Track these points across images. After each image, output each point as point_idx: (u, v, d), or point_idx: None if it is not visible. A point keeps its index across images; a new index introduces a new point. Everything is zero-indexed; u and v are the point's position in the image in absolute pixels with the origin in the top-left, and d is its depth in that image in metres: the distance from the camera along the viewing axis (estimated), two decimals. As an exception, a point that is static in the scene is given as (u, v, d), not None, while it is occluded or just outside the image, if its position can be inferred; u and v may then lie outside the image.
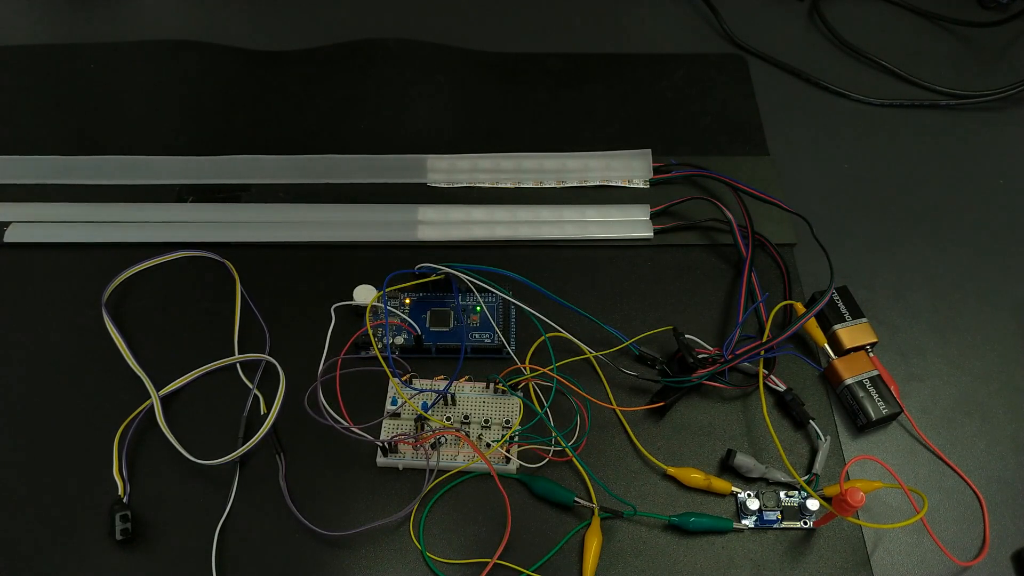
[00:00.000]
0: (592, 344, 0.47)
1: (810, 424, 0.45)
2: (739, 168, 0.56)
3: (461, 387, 0.46)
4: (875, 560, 0.42)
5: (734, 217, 0.52)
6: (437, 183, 0.57)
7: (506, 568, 0.41)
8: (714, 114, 0.62)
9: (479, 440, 0.44)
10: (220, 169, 0.57)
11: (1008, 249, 0.55)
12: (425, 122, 0.61)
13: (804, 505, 0.43)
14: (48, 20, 0.68)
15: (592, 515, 0.42)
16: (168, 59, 0.65)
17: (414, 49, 0.65)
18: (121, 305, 0.50)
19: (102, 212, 0.54)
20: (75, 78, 0.63)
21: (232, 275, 0.51)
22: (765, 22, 0.69)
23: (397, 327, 0.48)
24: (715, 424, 0.46)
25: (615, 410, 0.46)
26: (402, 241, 0.53)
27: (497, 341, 0.48)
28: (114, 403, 0.45)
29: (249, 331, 0.49)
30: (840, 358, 0.47)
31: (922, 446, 0.46)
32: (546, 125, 0.61)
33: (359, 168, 0.57)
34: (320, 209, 0.55)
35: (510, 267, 0.47)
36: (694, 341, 0.48)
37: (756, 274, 0.50)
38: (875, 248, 0.55)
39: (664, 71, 0.64)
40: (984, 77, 0.65)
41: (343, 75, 0.63)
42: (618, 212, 0.55)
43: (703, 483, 0.43)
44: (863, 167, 0.59)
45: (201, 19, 0.68)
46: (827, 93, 0.64)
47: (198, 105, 0.62)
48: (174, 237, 0.53)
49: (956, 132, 0.61)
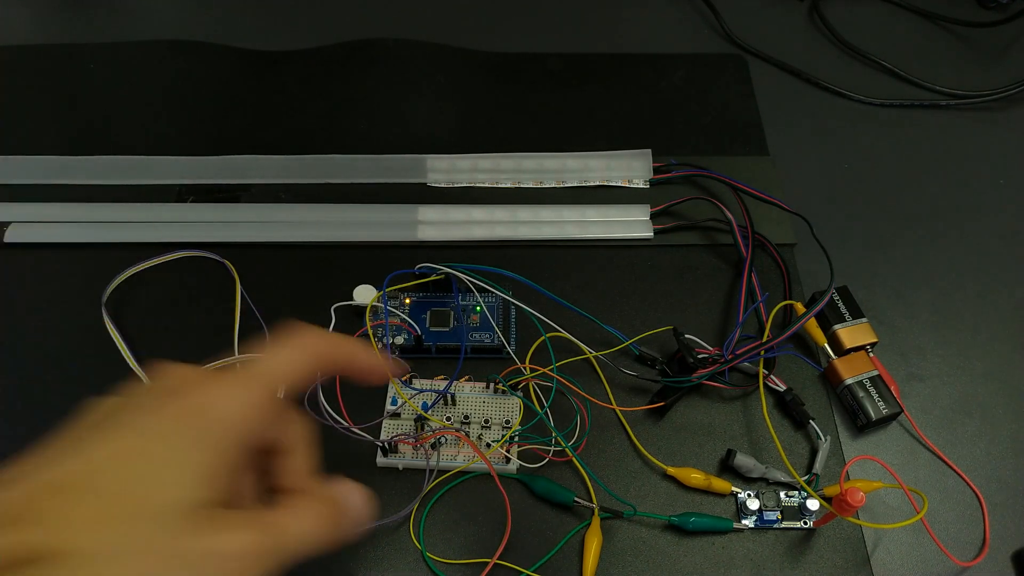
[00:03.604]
0: (592, 344, 0.47)
1: (810, 424, 0.45)
2: (739, 168, 0.56)
3: (461, 387, 0.46)
4: (875, 560, 0.42)
5: (734, 217, 0.52)
6: (437, 183, 0.57)
7: (506, 568, 0.41)
8: (714, 114, 0.62)
9: (479, 440, 0.44)
10: (220, 169, 0.57)
11: (1008, 249, 0.55)
12: (425, 122, 0.61)
13: (804, 505, 0.43)
14: (48, 20, 0.68)
15: (592, 515, 0.42)
16: (168, 59, 0.65)
17: (414, 49, 0.65)
18: (121, 305, 0.50)
19: (102, 212, 0.54)
20: (75, 78, 0.63)
21: (232, 275, 0.51)
22: (765, 22, 0.69)
23: (397, 327, 0.48)
24: (715, 424, 0.46)
25: (615, 410, 0.46)
26: (402, 241, 0.53)
27: (497, 341, 0.48)
28: (114, 403, 0.45)
29: (249, 331, 0.49)
30: (840, 358, 0.47)
31: (922, 446, 0.46)
32: (546, 125, 0.61)
33: (359, 168, 0.57)
34: (320, 209, 0.55)
35: (510, 267, 0.47)
36: (694, 341, 0.48)
37: (756, 274, 0.50)
38: (875, 248, 0.55)
39: (664, 71, 0.65)
40: (984, 77, 0.65)
41: (343, 75, 0.63)
42: (618, 212, 0.55)
43: (703, 483, 0.43)
44: (863, 167, 0.59)
45: (201, 19, 0.68)
46: (827, 93, 0.64)
47: (198, 105, 0.62)
48: (174, 237, 0.53)
49: (956, 132, 0.61)
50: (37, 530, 0.23)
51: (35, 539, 0.23)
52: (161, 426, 0.26)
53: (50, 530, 0.23)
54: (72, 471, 0.25)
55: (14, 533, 0.23)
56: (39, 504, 0.24)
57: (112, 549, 0.24)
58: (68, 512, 0.24)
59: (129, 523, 0.24)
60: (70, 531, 0.23)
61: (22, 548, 0.23)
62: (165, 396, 0.27)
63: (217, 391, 0.27)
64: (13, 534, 0.23)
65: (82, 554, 0.23)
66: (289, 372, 0.29)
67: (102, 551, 0.23)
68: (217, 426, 0.27)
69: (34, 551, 0.23)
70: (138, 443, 0.26)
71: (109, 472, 0.25)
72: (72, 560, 0.23)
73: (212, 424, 0.27)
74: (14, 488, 0.24)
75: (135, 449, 0.26)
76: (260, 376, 0.28)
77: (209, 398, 0.27)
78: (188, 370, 0.28)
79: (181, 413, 0.27)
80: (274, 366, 0.29)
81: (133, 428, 0.26)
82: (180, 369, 0.28)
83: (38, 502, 0.24)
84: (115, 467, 0.25)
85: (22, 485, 0.24)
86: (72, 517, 0.24)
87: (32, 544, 0.23)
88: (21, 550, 0.23)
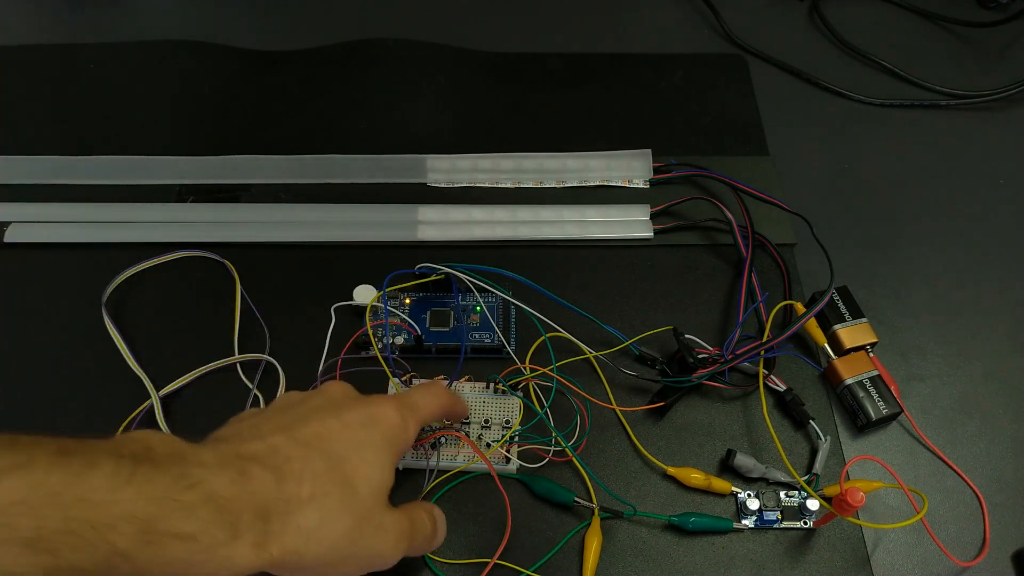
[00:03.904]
0: (592, 344, 0.47)
1: (810, 424, 0.45)
2: (739, 168, 0.56)
3: (461, 387, 0.46)
4: (875, 560, 0.42)
5: (734, 217, 0.52)
6: (437, 183, 0.57)
7: (506, 568, 0.41)
8: (714, 114, 0.62)
9: (479, 440, 0.44)
10: (220, 169, 0.57)
11: (1008, 249, 0.55)
12: (425, 122, 0.61)
13: (804, 505, 0.43)
14: (48, 20, 0.68)
15: (592, 515, 0.42)
16: (168, 59, 0.65)
17: (414, 49, 0.65)
18: (121, 305, 0.50)
19: (102, 212, 0.54)
20: (75, 78, 0.63)
21: (232, 275, 0.51)
22: (765, 22, 0.69)
23: (397, 327, 0.48)
24: (715, 424, 0.46)
25: (615, 410, 0.46)
26: (402, 241, 0.53)
27: (497, 341, 0.48)
28: (114, 403, 0.45)
29: (249, 331, 0.49)
30: (840, 358, 0.47)
31: (922, 446, 0.46)
32: (546, 125, 0.61)
33: (359, 168, 0.57)
34: (320, 209, 0.55)
35: (510, 267, 0.47)
36: (694, 341, 0.48)
37: (756, 274, 0.50)
38: (875, 248, 0.55)
39: (664, 71, 0.64)
40: (984, 77, 0.65)
41: (343, 75, 0.63)
42: (618, 212, 0.55)
43: (703, 483, 0.43)
44: (863, 167, 0.59)
45: (201, 19, 0.68)
46: (827, 93, 0.64)
47: (198, 105, 0.62)
48: (174, 237, 0.52)
49: (956, 132, 0.61)
50: (291, 476, 0.30)
51: (290, 482, 0.29)
52: (356, 420, 0.33)
53: (296, 475, 0.30)
54: (311, 435, 0.32)
55: (274, 475, 0.29)
56: (289, 452, 0.30)
57: (336, 501, 0.30)
58: (308, 465, 0.30)
59: (347, 483, 0.31)
60: (310, 479, 0.30)
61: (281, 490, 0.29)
62: (347, 400, 0.35)
63: (387, 406, 0.35)
64: (273, 476, 0.29)
65: (315, 499, 0.30)
66: (427, 414, 0.38)
67: (326, 501, 0.30)
68: (391, 432, 0.34)
69: (286, 492, 0.29)
70: (343, 429, 0.33)
71: (332, 442, 0.32)
72: (310, 504, 0.30)
73: (387, 429, 0.34)
74: (269, 438, 0.31)
75: (341, 432, 0.32)
76: (413, 406, 0.36)
77: (383, 410, 0.35)
78: (351, 387, 0.37)
79: (367, 415, 0.34)
80: (421, 404, 0.37)
81: (337, 416, 0.33)
82: (344, 385, 0.37)
83: (288, 451, 0.30)
84: (334, 440, 0.32)
85: (275, 438, 0.31)
86: (311, 470, 0.30)
87: (286, 486, 0.29)
88: (282, 492, 0.29)
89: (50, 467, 0.24)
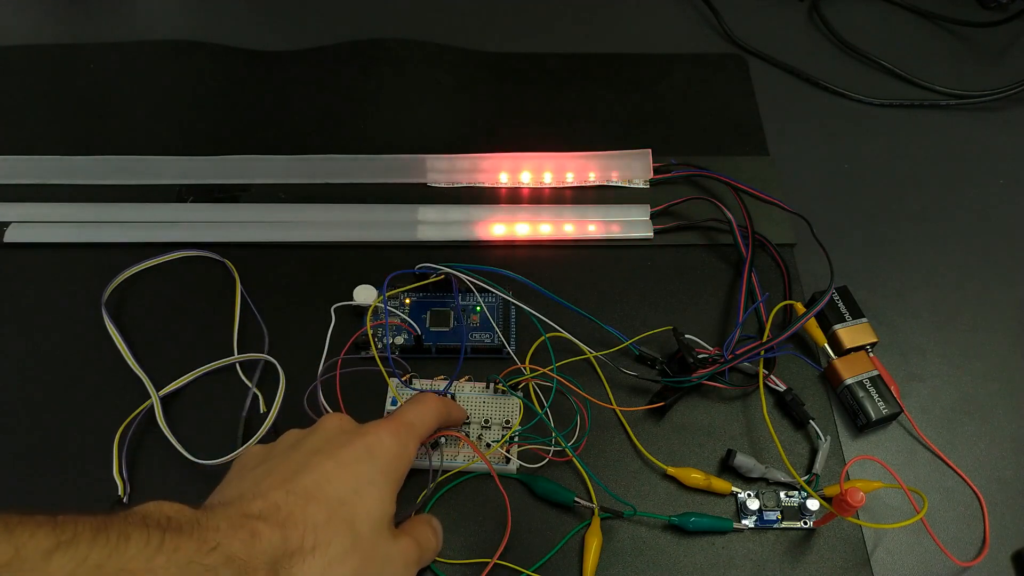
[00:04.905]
0: (592, 344, 0.47)
1: (810, 424, 0.45)
2: (739, 168, 0.56)
3: (461, 387, 0.46)
4: (875, 560, 0.42)
5: (734, 217, 0.52)
6: (437, 183, 0.57)
7: (506, 568, 0.41)
8: (714, 114, 0.62)
9: (479, 440, 0.44)
10: (220, 169, 0.57)
11: (1008, 249, 0.55)
12: (425, 122, 0.61)
13: (804, 505, 0.43)
14: (48, 20, 0.68)
15: (592, 515, 0.42)
16: (168, 59, 0.65)
17: (414, 49, 0.65)
18: (121, 305, 0.50)
19: (102, 212, 0.54)
20: (75, 78, 0.63)
21: (232, 275, 0.51)
22: (765, 22, 0.69)
23: (397, 327, 0.48)
24: (715, 424, 0.46)
25: (615, 410, 0.46)
26: (402, 241, 0.53)
27: (497, 341, 0.48)
28: (114, 403, 0.45)
29: (249, 331, 0.49)
30: (840, 358, 0.47)
31: (922, 446, 0.46)
32: (546, 125, 0.61)
33: (359, 168, 0.57)
34: (320, 209, 0.55)
35: (510, 267, 0.47)
36: (694, 341, 0.48)
37: (756, 274, 0.50)
38: (875, 248, 0.55)
39: (664, 71, 0.65)
40: (984, 77, 0.65)
41: (343, 75, 0.63)
42: (618, 212, 0.55)
43: (703, 483, 0.43)
44: (863, 167, 0.59)
45: (201, 19, 0.68)
46: (827, 93, 0.64)
47: (198, 105, 0.62)
48: (174, 237, 0.52)
49: (956, 132, 0.61)
50: (295, 530, 0.31)
51: (294, 536, 0.31)
52: (352, 457, 0.35)
53: (299, 528, 0.31)
54: (310, 484, 0.33)
55: (280, 532, 0.31)
56: (290, 508, 0.32)
57: (339, 546, 0.32)
58: (309, 517, 0.32)
59: (348, 527, 0.33)
60: (311, 530, 0.31)
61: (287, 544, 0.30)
62: (343, 436, 0.36)
63: (383, 434, 0.36)
64: (279, 533, 0.30)
65: (317, 548, 0.31)
66: (424, 430, 0.39)
67: (332, 547, 0.32)
68: (389, 463, 0.36)
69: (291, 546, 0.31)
70: (340, 471, 0.34)
71: (330, 487, 0.33)
72: (313, 553, 0.31)
73: (385, 461, 0.35)
74: (270, 495, 0.32)
75: (339, 475, 0.34)
76: (409, 426, 0.37)
77: (378, 440, 0.36)
78: (347, 419, 0.38)
79: (362, 449, 0.35)
80: (416, 420, 0.38)
81: (331, 457, 0.34)
82: (341, 418, 0.38)
83: (289, 507, 0.32)
84: (332, 485, 0.33)
85: (275, 494, 0.32)
86: (311, 522, 0.32)
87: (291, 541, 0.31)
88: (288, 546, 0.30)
89: (91, 543, 0.26)
